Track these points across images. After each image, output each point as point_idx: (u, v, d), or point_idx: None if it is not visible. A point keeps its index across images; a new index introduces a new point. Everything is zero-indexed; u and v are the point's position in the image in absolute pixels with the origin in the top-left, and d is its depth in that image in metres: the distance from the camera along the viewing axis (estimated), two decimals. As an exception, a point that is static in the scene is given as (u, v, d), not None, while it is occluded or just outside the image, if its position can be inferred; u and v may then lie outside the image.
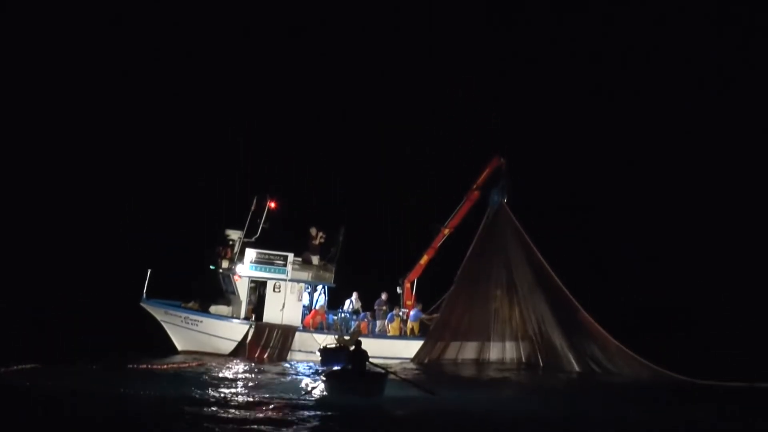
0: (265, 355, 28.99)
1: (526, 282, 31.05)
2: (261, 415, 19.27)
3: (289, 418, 19.19)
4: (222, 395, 21.33)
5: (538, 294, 30.85)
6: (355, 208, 44.21)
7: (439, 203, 35.31)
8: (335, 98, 56.18)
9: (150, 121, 53.83)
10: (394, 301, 32.21)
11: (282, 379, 25.03)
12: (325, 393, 22.49)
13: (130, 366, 24.16)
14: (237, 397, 21.42)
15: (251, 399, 21.13)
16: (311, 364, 28.42)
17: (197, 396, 20.79)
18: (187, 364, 26.33)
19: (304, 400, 21.54)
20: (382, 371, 23.00)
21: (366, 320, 31.08)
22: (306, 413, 19.99)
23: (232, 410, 19.30)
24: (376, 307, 31.90)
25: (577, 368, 29.85)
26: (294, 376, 25.96)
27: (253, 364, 27.57)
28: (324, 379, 23.18)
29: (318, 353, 28.39)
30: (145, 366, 24.69)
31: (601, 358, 29.67)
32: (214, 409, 19.26)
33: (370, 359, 23.40)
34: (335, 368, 25.17)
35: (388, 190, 50.38)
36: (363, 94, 56.63)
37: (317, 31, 64.54)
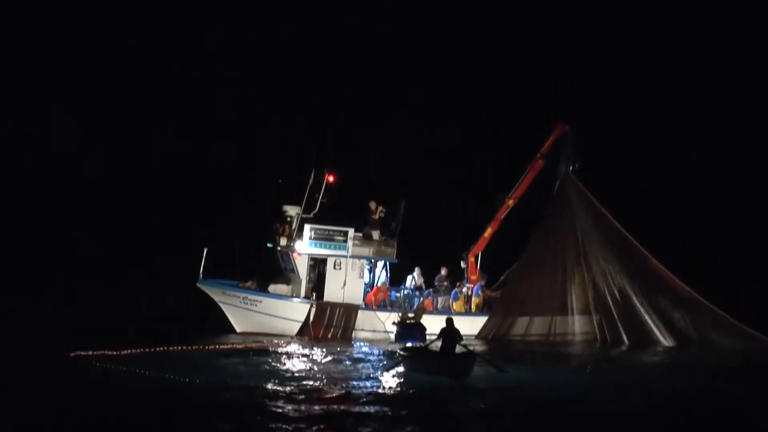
0: (329, 335, 28.09)
1: (600, 250, 29.91)
2: (342, 393, 19.01)
3: (370, 398, 18.60)
4: (299, 375, 21.02)
5: (614, 262, 29.65)
6: (416, 180, 43.24)
7: (503, 173, 33.86)
8: (395, 68, 54.95)
9: (206, 94, 53.51)
10: (455, 276, 31.12)
11: (352, 358, 24.43)
12: (403, 371, 21.90)
13: (197, 347, 23.56)
14: (314, 376, 21.05)
15: (330, 378, 20.76)
16: (377, 343, 27.67)
17: (274, 379, 20.27)
18: (254, 345, 25.58)
19: (383, 379, 21.10)
20: (470, 352, 22.22)
21: (430, 297, 30.01)
22: (386, 392, 19.60)
23: (309, 391, 18.94)
24: (436, 283, 30.88)
25: (665, 342, 28.76)
26: (365, 355, 25.29)
27: (319, 345, 26.75)
28: (403, 355, 22.42)
29: (395, 327, 27.35)
30: (213, 347, 24.09)
31: (696, 328, 28.54)
32: (290, 389, 18.99)
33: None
34: (411, 345, 24.46)
35: (449, 160, 49.37)
36: (423, 63, 55.31)
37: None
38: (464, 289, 30.32)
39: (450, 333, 22.20)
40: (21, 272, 35.34)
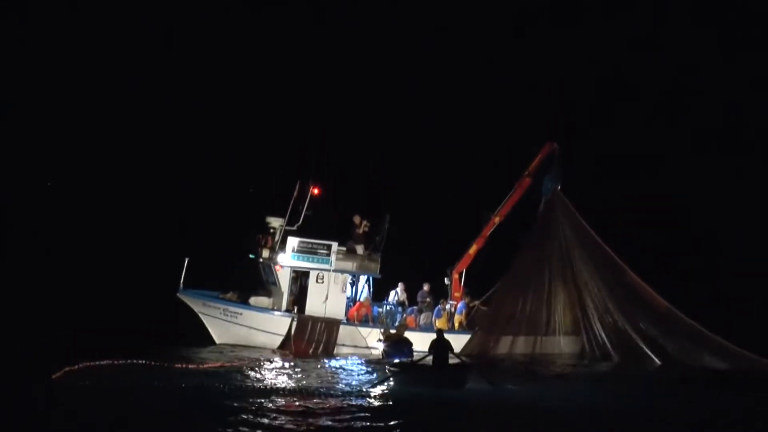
0: (310, 350, 27.53)
1: (586, 269, 29.76)
2: (331, 409, 18.78)
3: (361, 414, 18.31)
4: (284, 391, 20.65)
5: (601, 281, 29.58)
6: (401, 195, 42.98)
7: (489, 191, 33.62)
8: (379, 80, 54.87)
9: (187, 102, 53.08)
10: (439, 293, 30.76)
11: (338, 374, 24.09)
12: (394, 386, 21.68)
13: (179, 366, 22.70)
14: (299, 392, 20.64)
15: (316, 394, 20.40)
16: (361, 358, 27.20)
17: (258, 396, 19.77)
18: (236, 363, 24.76)
19: (373, 394, 20.86)
20: (463, 362, 22.14)
21: (413, 315, 29.62)
22: (378, 407, 19.38)
23: (295, 408, 18.62)
24: (419, 300, 30.50)
25: (655, 360, 28.60)
26: (350, 370, 24.96)
27: (301, 360, 26.25)
28: (395, 371, 22.13)
29: (382, 344, 26.84)
30: (195, 366, 23.30)
31: (686, 349, 28.45)
32: (277, 405, 18.66)
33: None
34: (399, 360, 24.32)
35: (435, 176, 49.20)
36: (409, 76, 55.30)
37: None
38: (447, 306, 29.93)
39: (441, 345, 21.98)
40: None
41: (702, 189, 47.79)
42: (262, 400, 19.15)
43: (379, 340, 27.21)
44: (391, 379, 22.15)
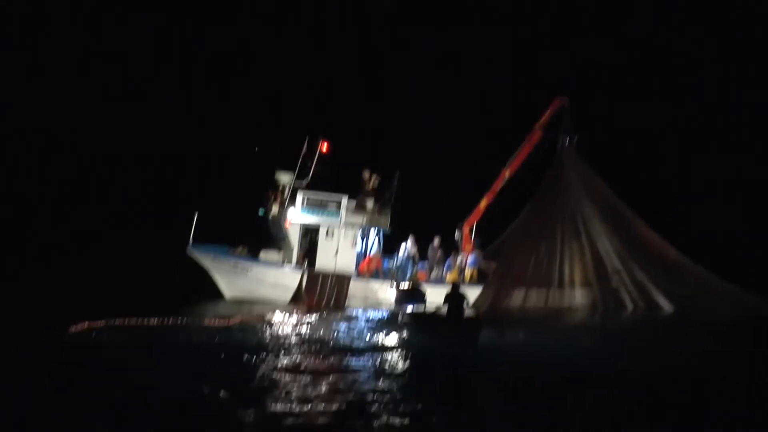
0: (322, 304, 27.54)
1: (597, 221, 29.68)
2: (346, 361, 18.63)
3: (376, 368, 18.18)
4: (301, 345, 20.45)
5: (612, 232, 29.55)
6: (410, 149, 42.63)
7: (500, 145, 33.28)
8: (390, 35, 54.31)
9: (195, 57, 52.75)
10: (449, 246, 30.66)
11: (352, 327, 23.94)
12: (409, 336, 21.70)
13: (192, 323, 22.55)
14: (316, 345, 20.48)
15: (332, 347, 20.34)
16: (372, 312, 27.15)
17: (276, 349, 19.73)
18: (248, 318, 24.54)
19: (388, 346, 20.78)
20: (478, 316, 22.24)
21: (425, 270, 29.54)
22: (392, 360, 19.23)
23: (313, 361, 18.46)
24: (429, 253, 30.46)
25: (668, 308, 28.72)
26: (363, 324, 24.84)
27: (313, 313, 26.18)
28: (408, 321, 22.07)
29: (394, 291, 26.85)
30: (208, 322, 23.10)
31: (697, 295, 28.55)
32: (294, 359, 18.47)
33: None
34: (413, 309, 24.28)
35: (444, 130, 48.76)
36: (419, 30, 54.69)
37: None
38: (458, 260, 29.86)
39: (456, 298, 21.88)
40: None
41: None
42: (276, 355, 19.03)
43: (392, 287, 27.22)
44: (406, 329, 22.09)
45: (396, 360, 19.32)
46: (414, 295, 25.80)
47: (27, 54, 50.72)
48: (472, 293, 28.66)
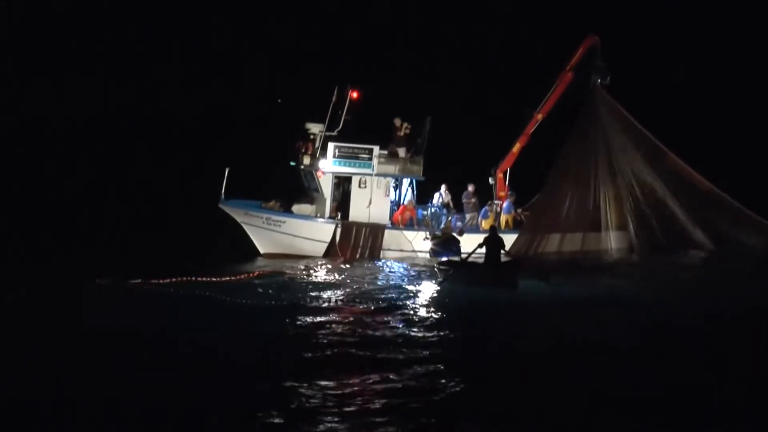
0: (357, 255, 27.38)
1: (632, 160, 29.16)
2: (385, 311, 18.72)
3: (413, 317, 18.10)
4: (339, 295, 20.64)
5: (647, 170, 29.03)
6: (441, 95, 41.96)
7: (531, 87, 32.57)
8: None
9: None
10: (482, 193, 30.27)
11: (390, 276, 24.03)
12: (446, 284, 21.67)
13: (227, 279, 22.46)
14: (353, 296, 20.59)
15: (369, 297, 20.37)
16: (408, 261, 27.19)
17: (313, 300, 19.90)
18: (282, 270, 24.61)
19: (425, 295, 20.83)
20: (515, 261, 22.45)
21: (458, 221, 29.24)
22: (430, 308, 19.23)
23: (350, 311, 18.61)
24: (464, 200, 30.09)
25: (708, 245, 28.54)
26: (400, 273, 24.90)
27: (348, 265, 26.23)
28: (445, 269, 21.96)
29: (430, 242, 26.85)
30: (245, 276, 23.16)
31: (737, 232, 28.27)
32: (332, 308, 18.74)
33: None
34: (449, 258, 24.20)
35: (475, 74, 48.00)
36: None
37: None
38: (494, 206, 29.51)
39: (495, 242, 21.70)
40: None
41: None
42: (313, 306, 19.11)
43: (426, 238, 27.01)
44: (442, 277, 21.92)
45: (430, 308, 19.25)
46: (449, 244, 25.54)
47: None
48: (509, 240, 28.49)
